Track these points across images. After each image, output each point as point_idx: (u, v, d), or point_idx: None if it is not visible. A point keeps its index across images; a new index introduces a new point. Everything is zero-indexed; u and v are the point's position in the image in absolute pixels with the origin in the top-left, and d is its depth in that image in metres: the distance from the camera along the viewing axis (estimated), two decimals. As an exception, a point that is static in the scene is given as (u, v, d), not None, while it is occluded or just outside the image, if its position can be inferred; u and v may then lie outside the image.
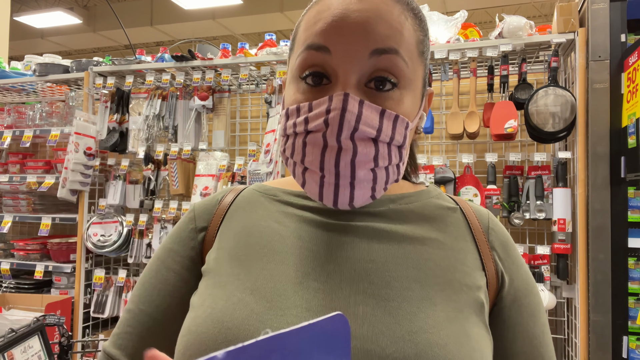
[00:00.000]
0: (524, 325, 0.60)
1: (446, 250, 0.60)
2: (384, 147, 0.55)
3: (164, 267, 0.66)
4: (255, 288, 0.55)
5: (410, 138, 0.60)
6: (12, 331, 1.44)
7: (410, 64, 0.56)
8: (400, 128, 0.55)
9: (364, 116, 0.53)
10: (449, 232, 0.62)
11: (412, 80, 0.57)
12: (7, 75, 3.02)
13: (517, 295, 0.61)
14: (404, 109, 0.56)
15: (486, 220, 0.65)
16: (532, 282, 0.64)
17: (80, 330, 2.70)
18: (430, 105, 0.66)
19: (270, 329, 0.52)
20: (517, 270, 0.63)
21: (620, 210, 1.84)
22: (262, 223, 0.63)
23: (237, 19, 9.01)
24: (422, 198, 0.65)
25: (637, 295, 1.80)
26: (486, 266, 0.61)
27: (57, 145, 2.87)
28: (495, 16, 2.28)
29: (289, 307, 0.53)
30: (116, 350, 0.63)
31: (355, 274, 0.56)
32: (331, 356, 0.37)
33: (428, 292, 0.55)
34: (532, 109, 2.04)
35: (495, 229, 0.65)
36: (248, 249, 0.61)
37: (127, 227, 2.67)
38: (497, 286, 0.61)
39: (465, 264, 0.59)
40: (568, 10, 2.04)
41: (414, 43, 0.57)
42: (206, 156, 2.60)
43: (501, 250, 0.63)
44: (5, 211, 2.99)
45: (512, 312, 0.61)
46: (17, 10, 8.90)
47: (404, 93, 0.56)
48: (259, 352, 0.32)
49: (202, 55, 2.57)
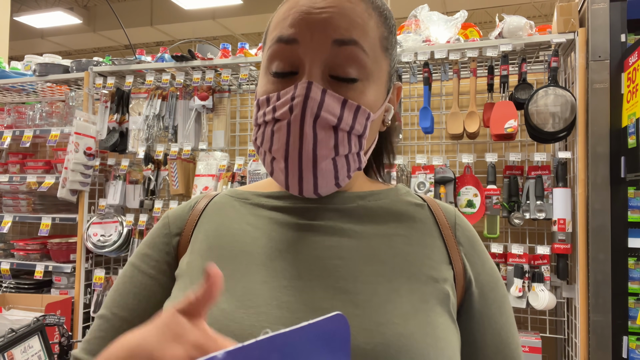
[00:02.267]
0: (492, 317, 0.63)
1: (413, 245, 0.62)
2: (344, 136, 0.57)
3: (139, 272, 0.66)
4: (226, 288, 0.56)
5: (372, 130, 0.62)
6: (12, 331, 1.44)
7: (371, 56, 0.58)
8: (361, 118, 0.58)
9: (325, 104, 0.55)
10: (416, 228, 0.64)
11: (374, 72, 0.59)
12: (7, 75, 3.02)
13: (484, 289, 0.64)
14: (366, 100, 0.58)
15: (453, 217, 0.67)
16: (497, 275, 0.66)
17: (80, 330, 2.70)
18: (399, 98, 0.69)
19: (241, 326, 0.53)
20: (482, 265, 0.65)
21: (620, 210, 1.84)
22: (234, 226, 0.65)
23: (237, 19, 9.01)
24: (391, 195, 0.68)
25: (637, 295, 1.80)
26: (453, 260, 0.63)
27: (57, 145, 2.87)
28: (495, 16, 2.28)
29: (259, 304, 0.55)
30: (86, 355, 0.62)
31: (325, 270, 0.58)
32: (331, 356, 0.37)
33: (394, 285, 0.57)
34: (532, 109, 2.04)
35: (462, 225, 0.67)
36: (220, 251, 0.62)
37: (127, 227, 2.67)
38: (464, 280, 0.63)
39: (432, 258, 0.62)
40: (568, 10, 2.04)
41: (377, 38, 0.60)
42: (206, 156, 2.60)
43: (467, 245, 0.65)
44: (5, 211, 2.99)
45: (480, 305, 0.63)
46: (17, 10, 8.89)
47: (367, 85, 0.59)
48: (258, 352, 0.32)
49: (202, 55, 2.57)
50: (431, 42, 2.24)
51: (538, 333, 2.12)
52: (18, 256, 2.88)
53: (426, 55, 2.20)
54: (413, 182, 2.25)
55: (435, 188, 2.22)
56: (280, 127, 0.57)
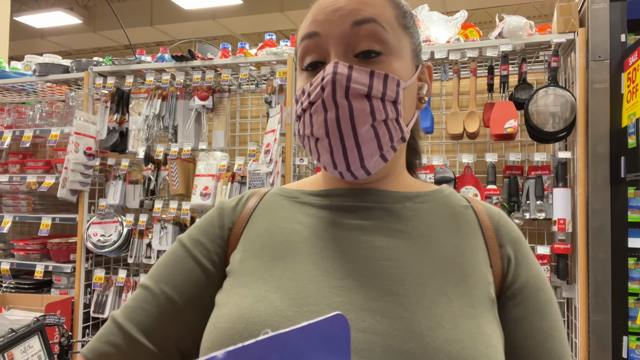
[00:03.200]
0: (528, 320, 0.61)
1: (459, 247, 0.62)
2: (378, 102, 0.59)
3: (189, 257, 0.66)
4: (279, 287, 0.57)
5: (407, 101, 0.64)
6: (12, 331, 1.44)
7: (391, 32, 0.61)
8: (392, 84, 0.60)
9: (354, 76, 0.58)
10: (461, 230, 0.64)
11: (396, 47, 0.62)
12: (7, 75, 3.02)
13: (524, 293, 0.62)
14: (392, 71, 0.61)
15: (497, 218, 0.67)
16: (541, 279, 0.64)
17: (80, 330, 2.70)
18: (432, 78, 0.70)
19: (293, 325, 0.51)
20: (525, 267, 0.63)
21: (620, 210, 1.84)
22: (284, 225, 0.66)
23: (237, 19, 9.01)
24: (437, 197, 0.68)
25: (637, 295, 1.80)
26: (493, 262, 0.62)
27: (57, 145, 2.87)
28: (495, 16, 2.28)
29: (310, 304, 0.55)
30: (129, 323, 0.63)
31: (374, 271, 0.58)
32: (331, 356, 0.37)
33: (443, 288, 0.57)
34: (532, 109, 2.04)
35: (506, 227, 0.66)
36: (271, 250, 0.63)
37: (127, 227, 2.67)
38: (501, 283, 0.62)
39: (477, 261, 0.61)
40: (568, 10, 2.04)
41: (393, 16, 0.63)
42: (206, 156, 2.60)
43: (510, 247, 0.64)
44: (5, 211, 2.99)
45: (518, 309, 0.61)
46: (17, 10, 8.89)
47: (391, 59, 0.61)
48: (259, 352, 0.32)
49: (202, 55, 2.57)
50: (431, 42, 2.24)
51: (538, 333, 2.12)
52: (18, 256, 2.88)
53: (426, 55, 2.20)
54: (413, 182, 2.25)
55: (435, 188, 2.22)
56: (316, 107, 0.59)
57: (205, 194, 2.52)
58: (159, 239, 2.61)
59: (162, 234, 2.60)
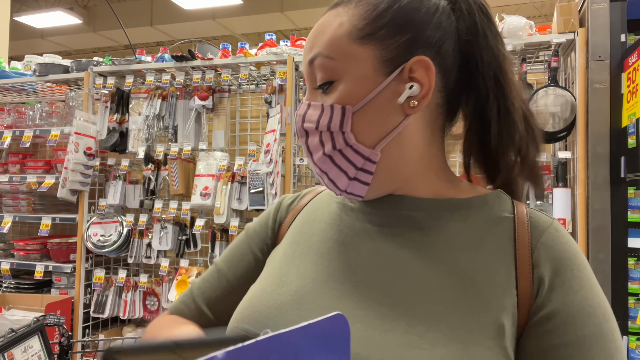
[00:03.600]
0: (554, 353, 0.53)
1: (475, 264, 0.57)
2: (326, 134, 0.61)
3: (247, 244, 0.75)
4: (287, 283, 0.62)
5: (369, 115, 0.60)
6: (12, 331, 1.44)
7: (338, 56, 0.61)
8: (336, 115, 0.60)
9: (307, 115, 0.62)
10: (487, 245, 0.58)
11: (348, 69, 0.60)
12: (7, 75, 3.02)
13: (553, 320, 0.53)
14: (342, 97, 0.60)
15: (540, 234, 0.58)
16: (587, 311, 0.54)
17: (80, 330, 2.70)
18: (432, 73, 0.60)
19: (290, 318, 0.57)
20: (563, 293, 0.54)
21: (620, 210, 1.84)
22: (316, 224, 0.69)
23: (237, 19, 9.01)
24: (473, 205, 0.63)
25: (637, 295, 1.80)
26: (519, 285, 0.55)
27: (57, 145, 2.87)
28: (495, 16, 2.28)
29: (308, 302, 0.59)
30: (197, 291, 0.74)
31: (373, 281, 0.59)
32: (331, 356, 0.37)
33: (438, 307, 0.54)
34: (532, 109, 2.04)
35: (549, 244, 0.57)
36: (296, 247, 0.68)
37: (127, 227, 2.67)
38: (529, 307, 0.55)
39: (494, 282, 0.56)
40: (568, 10, 2.04)
41: (344, 34, 0.61)
42: (206, 156, 2.60)
43: (550, 268, 0.56)
44: (5, 211, 2.99)
45: (539, 337, 0.54)
46: (17, 10, 8.89)
47: (341, 84, 0.61)
48: (259, 352, 0.32)
49: (202, 55, 2.57)
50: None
51: (538, 333, 2.12)
52: (18, 256, 2.88)
53: (426, 55, 2.20)
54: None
55: (435, 188, 2.22)
56: None
57: (205, 194, 2.52)
58: (159, 239, 2.60)
59: (162, 234, 2.60)
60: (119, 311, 2.73)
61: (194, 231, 2.59)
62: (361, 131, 0.60)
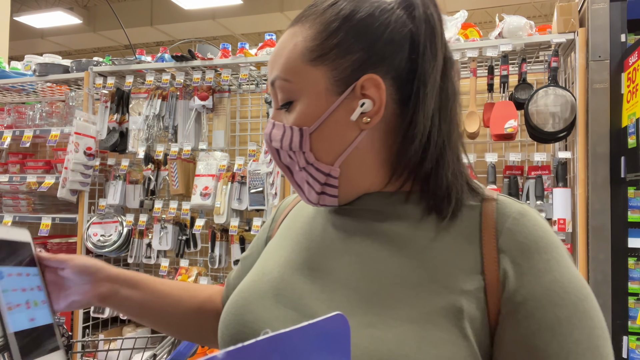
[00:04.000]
0: (532, 341, 0.53)
1: (440, 251, 0.59)
2: (292, 153, 0.65)
3: (261, 236, 0.86)
4: (269, 272, 0.68)
5: (332, 136, 0.63)
6: (12, 331, 1.44)
7: (294, 78, 0.63)
8: (295, 137, 0.63)
9: (272, 134, 0.66)
10: (453, 233, 0.60)
11: (302, 89, 0.63)
12: (7, 75, 3.02)
13: (526, 306, 0.54)
14: (299, 117, 0.63)
15: (505, 220, 0.59)
16: (560, 293, 0.54)
17: (80, 330, 2.70)
18: (381, 90, 0.61)
19: (269, 304, 0.63)
20: (533, 277, 0.55)
21: (620, 210, 1.84)
22: (300, 219, 0.75)
23: (237, 19, 9.01)
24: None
25: (637, 295, 1.80)
26: (486, 269, 0.57)
27: (57, 145, 2.87)
28: (495, 16, 2.28)
29: (283, 288, 0.65)
30: (234, 274, 0.88)
31: (341, 267, 0.63)
32: (331, 356, 0.37)
33: (399, 291, 0.57)
34: (532, 109, 2.04)
35: (514, 230, 0.58)
36: (282, 240, 0.74)
37: (127, 227, 2.67)
38: (500, 293, 0.56)
39: (454, 265, 0.57)
40: (568, 10, 2.04)
41: (298, 56, 0.63)
42: (206, 156, 2.60)
43: (515, 254, 0.57)
44: (5, 211, 2.99)
45: (516, 325, 0.54)
46: (17, 10, 8.89)
47: (299, 104, 0.64)
48: (259, 352, 0.32)
49: (202, 55, 2.57)
50: (431, 42, 2.24)
51: (538, 333, 2.12)
52: (18, 256, 2.88)
53: (426, 55, 2.20)
54: (413, 182, 2.25)
55: (435, 188, 2.22)
56: None
57: (205, 194, 2.52)
58: (159, 239, 2.61)
59: (162, 234, 2.60)
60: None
61: (194, 231, 2.59)
62: (319, 149, 0.63)
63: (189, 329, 0.90)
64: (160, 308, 0.87)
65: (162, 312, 0.87)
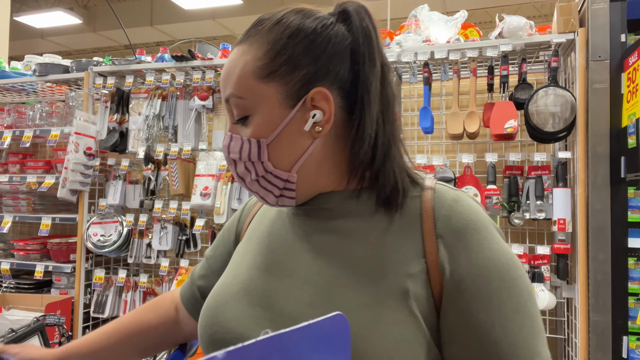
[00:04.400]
0: (472, 314, 0.60)
1: (385, 238, 0.66)
2: (248, 163, 0.70)
3: (222, 238, 0.91)
4: (239, 274, 0.74)
5: (289, 144, 0.68)
6: (12, 331, 1.44)
7: (247, 95, 0.68)
8: (253, 148, 0.68)
9: (231, 146, 0.71)
10: (397, 223, 0.67)
11: (257, 105, 0.68)
12: (7, 75, 3.02)
13: (464, 283, 0.61)
14: (256, 130, 0.68)
15: (442, 207, 0.66)
16: (491, 268, 0.62)
17: (80, 330, 2.70)
18: (329, 101, 0.67)
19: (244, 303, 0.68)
20: (467, 257, 0.62)
21: (620, 210, 1.84)
22: (265, 222, 0.80)
23: (237, 19, 9.00)
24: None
25: (637, 295, 1.80)
26: (427, 253, 0.64)
27: (57, 145, 2.86)
28: (495, 16, 2.28)
29: (253, 288, 0.70)
30: (198, 270, 0.92)
31: (302, 264, 0.69)
32: (331, 356, 0.37)
33: (350, 280, 0.64)
34: (532, 109, 2.04)
35: (449, 215, 0.65)
36: (249, 243, 0.79)
37: (127, 227, 2.67)
38: (440, 275, 0.63)
39: (400, 252, 0.64)
40: (568, 10, 2.04)
41: (249, 74, 0.68)
42: (206, 156, 2.60)
43: (450, 237, 0.64)
44: (5, 211, 2.98)
45: (458, 301, 0.61)
46: (17, 10, 8.89)
47: (254, 118, 0.69)
48: (259, 352, 0.32)
49: (202, 55, 2.57)
50: (431, 42, 2.24)
51: (538, 333, 2.12)
52: (18, 256, 2.88)
53: (426, 55, 2.20)
54: (413, 182, 2.25)
55: (435, 188, 2.22)
56: None
57: (205, 194, 2.52)
58: (159, 239, 2.60)
59: (162, 234, 2.60)
60: (119, 311, 2.73)
61: (194, 231, 2.59)
62: (277, 158, 0.68)
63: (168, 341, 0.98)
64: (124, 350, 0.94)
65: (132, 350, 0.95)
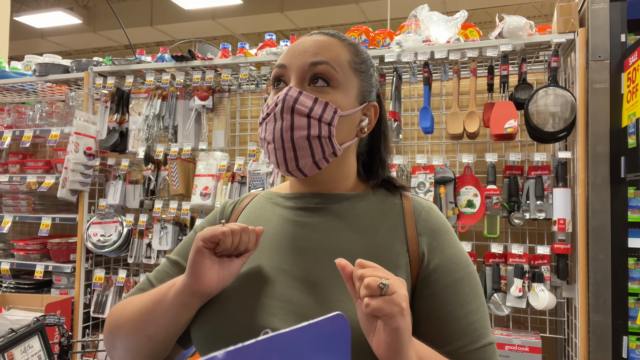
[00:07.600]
0: (440, 294, 0.76)
1: (380, 235, 0.81)
2: (315, 121, 0.77)
3: (189, 243, 0.90)
4: (245, 272, 0.80)
5: (344, 126, 0.81)
6: (12, 331, 1.44)
7: (340, 72, 0.80)
8: (329, 111, 0.78)
9: (300, 99, 0.77)
10: (385, 222, 0.83)
11: (343, 84, 0.80)
12: (7, 75, 3.02)
13: (437, 272, 0.78)
14: (334, 101, 0.79)
15: (420, 212, 0.84)
16: (456, 261, 0.79)
17: (80, 330, 2.70)
18: (376, 116, 0.87)
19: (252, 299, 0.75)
20: (440, 251, 0.79)
21: (620, 210, 1.84)
22: (257, 220, 0.87)
23: (237, 19, 9.01)
24: (370, 196, 0.87)
25: (637, 295, 1.80)
26: (410, 247, 0.80)
27: (57, 145, 2.86)
28: (495, 16, 2.28)
29: (259, 282, 0.78)
30: (156, 281, 0.87)
31: (300, 259, 0.79)
32: (331, 356, 0.37)
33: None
34: (532, 109, 2.04)
35: (426, 219, 0.83)
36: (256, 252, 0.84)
37: (127, 227, 2.67)
38: (419, 266, 0.79)
39: (392, 249, 0.79)
40: (568, 10, 2.04)
41: (346, 60, 0.82)
42: (206, 156, 2.60)
43: (428, 235, 0.81)
44: (5, 211, 2.98)
45: (430, 285, 0.77)
46: (17, 10, 8.89)
47: (336, 92, 0.80)
48: (259, 352, 0.32)
49: (202, 55, 2.57)
50: (431, 42, 2.24)
51: (538, 333, 2.12)
52: (18, 256, 2.88)
53: (426, 55, 2.20)
54: (413, 182, 2.25)
55: (435, 188, 2.22)
56: (270, 118, 0.79)
57: (205, 194, 2.52)
58: (159, 239, 2.60)
59: (162, 234, 2.60)
60: (119, 311, 2.73)
61: (194, 231, 2.59)
62: (338, 131, 0.80)
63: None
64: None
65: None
